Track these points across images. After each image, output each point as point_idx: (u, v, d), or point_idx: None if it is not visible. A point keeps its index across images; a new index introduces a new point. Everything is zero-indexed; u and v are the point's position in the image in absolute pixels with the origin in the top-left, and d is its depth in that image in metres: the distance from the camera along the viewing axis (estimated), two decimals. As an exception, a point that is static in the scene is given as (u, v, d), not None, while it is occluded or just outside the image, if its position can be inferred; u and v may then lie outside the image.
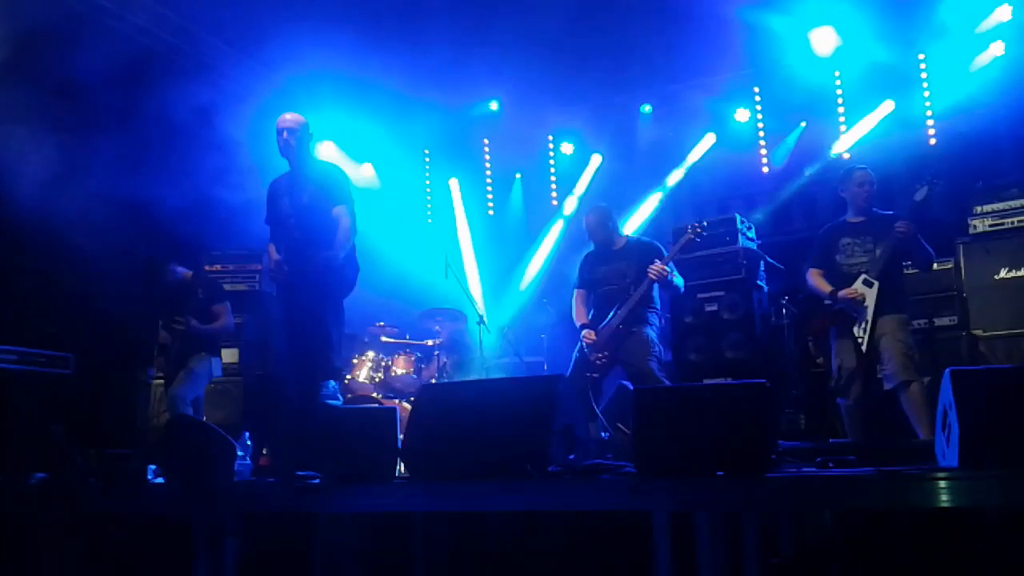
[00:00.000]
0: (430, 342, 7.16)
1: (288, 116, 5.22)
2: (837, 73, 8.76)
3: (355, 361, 7.01)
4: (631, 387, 5.71)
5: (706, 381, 6.74)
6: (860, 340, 5.33)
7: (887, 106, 8.47)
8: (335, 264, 4.92)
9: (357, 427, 4.20)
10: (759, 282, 7.05)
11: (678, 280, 5.91)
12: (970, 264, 6.49)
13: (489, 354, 7.16)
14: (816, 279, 5.60)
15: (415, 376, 6.99)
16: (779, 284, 7.35)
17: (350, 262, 5.10)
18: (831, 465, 3.91)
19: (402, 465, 4.16)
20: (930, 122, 8.33)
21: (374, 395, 6.78)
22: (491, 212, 10.23)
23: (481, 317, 7.08)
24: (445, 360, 7.03)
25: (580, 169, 9.78)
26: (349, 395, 6.70)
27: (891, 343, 5.26)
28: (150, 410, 6.31)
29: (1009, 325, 6.26)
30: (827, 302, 5.48)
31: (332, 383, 4.87)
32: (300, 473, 4.14)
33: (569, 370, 5.98)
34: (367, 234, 8.81)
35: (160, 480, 4.65)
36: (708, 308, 6.96)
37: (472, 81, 9.44)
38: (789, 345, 7.09)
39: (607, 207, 6.21)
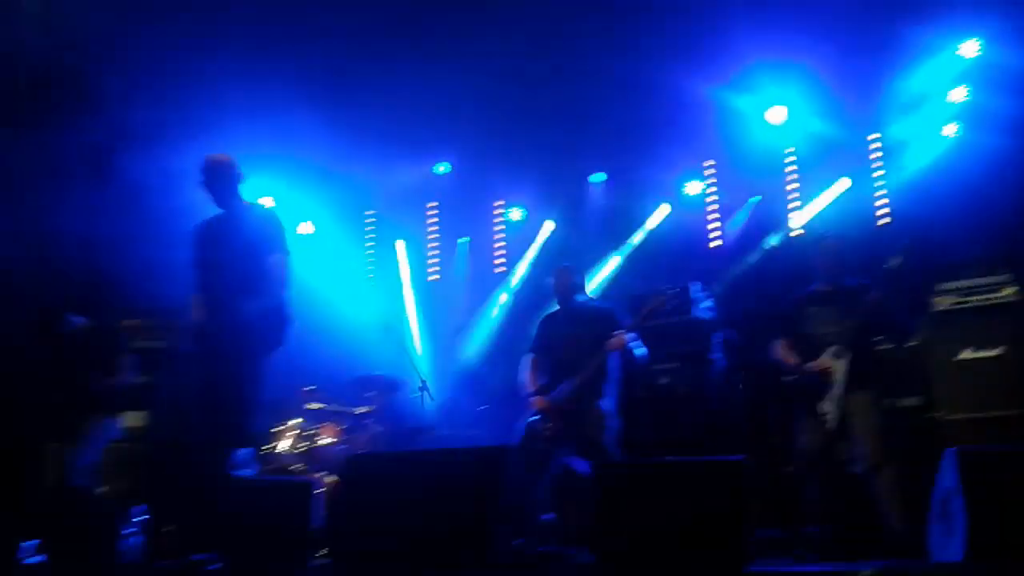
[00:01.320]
0: (361, 410, 6.52)
1: (211, 156, 4.71)
2: (790, 150, 8.57)
3: (278, 430, 6.34)
4: (577, 468, 5.20)
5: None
6: (827, 419, 4.89)
7: (843, 183, 8.27)
8: (262, 315, 4.34)
9: (267, 503, 3.59)
10: (714, 356, 6.60)
11: (639, 351, 5.45)
12: (934, 343, 6.13)
13: (428, 424, 6.53)
14: (782, 351, 5.17)
15: (343, 447, 6.33)
16: (734, 359, 6.92)
17: (280, 315, 4.53)
18: (809, 558, 3.39)
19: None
20: (883, 200, 8.16)
21: (297, 467, 6.10)
22: (435, 277, 9.71)
23: (423, 383, 6.46)
24: (378, 430, 6.40)
25: (528, 235, 9.36)
26: (269, 467, 6.02)
27: (862, 423, 4.83)
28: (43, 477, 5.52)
29: (973, 407, 5.87)
30: (791, 377, 5.07)
31: (247, 451, 4.23)
32: (197, 557, 3.48)
33: (516, 441, 5.43)
34: (302, 292, 8.35)
35: (39, 559, 3.93)
36: (661, 380, 6.48)
37: (422, 142, 9.08)
38: (744, 423, 6.62)
39: (576, 266, 5.77)
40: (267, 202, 8.68)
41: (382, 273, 9.61)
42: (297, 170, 8.63)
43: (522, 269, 9.21)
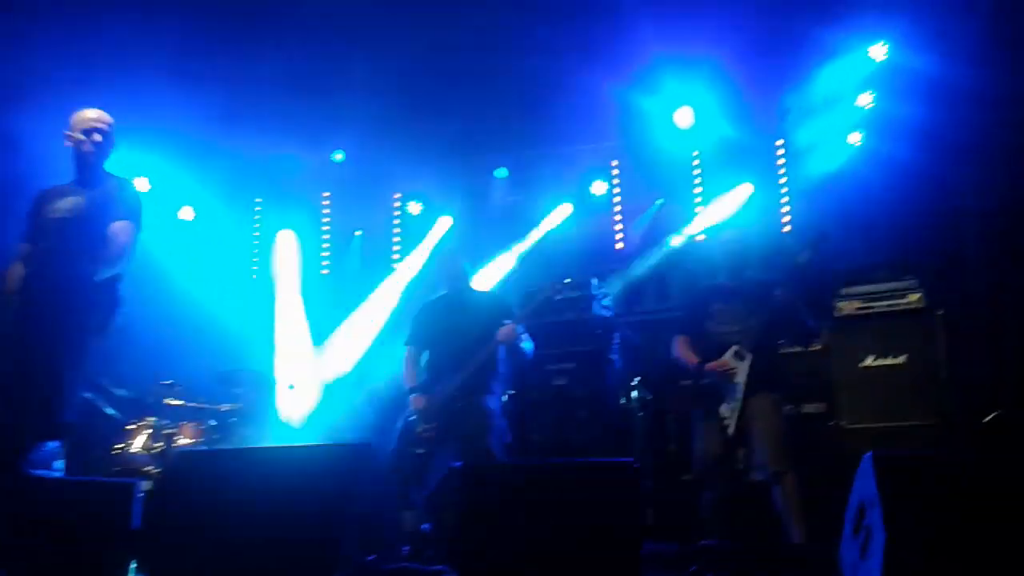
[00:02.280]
0: (225, 408, 5.80)
1: (92, 113, 4.00)
2: (696, 153, 8.25)
3: (131, 428, 5.58)
4: (464, 469, 4.66)
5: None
6: (727, 422, 4.45)
7: (745, 189, 7.97)
8: (88, 282, 3.64)
9: (75, 509, 2.90)
10: (612, 356, 6.13)
11: (527, 345, 4.91)
12: (837, 349, 5.80)
13: (295, 428, 5.83)
14: (682, 348, 4.75)
15: (204, 448, 5.60)
16: (632, 362, 6.48)
17: (109, 292, 3.82)
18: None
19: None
20: (785, 208, 7.92)
21: (149, 470, 5.37)
22: (326, 272, 9.01)
23: (291, 384, 5.72)
24: (243, 431, 5.69)
25: (427, 230, 8.76)
26: (118, 468, 5.26)
27: (763, 427, 4.41)
28: None
29: (875, 417, 5.56)
30: (690, 380, 4.65)
31: (53, 444, 3.50)
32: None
33: (392, 444, 4.84)
34: (172, 280, 7.57)
35: None
36: (556, 382, 5.95)
37: (315, 129, 8.41)
38: (640, 428, 6.18)
39: (460, 253, 5.20)
40: (141, 183, 7.92)
41: (268, 265, 8.85)
42: (176, 148, 7.84)
43: (415, 264, 8.60)
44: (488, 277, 7.85)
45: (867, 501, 2.73)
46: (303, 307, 8.54)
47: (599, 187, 8.44)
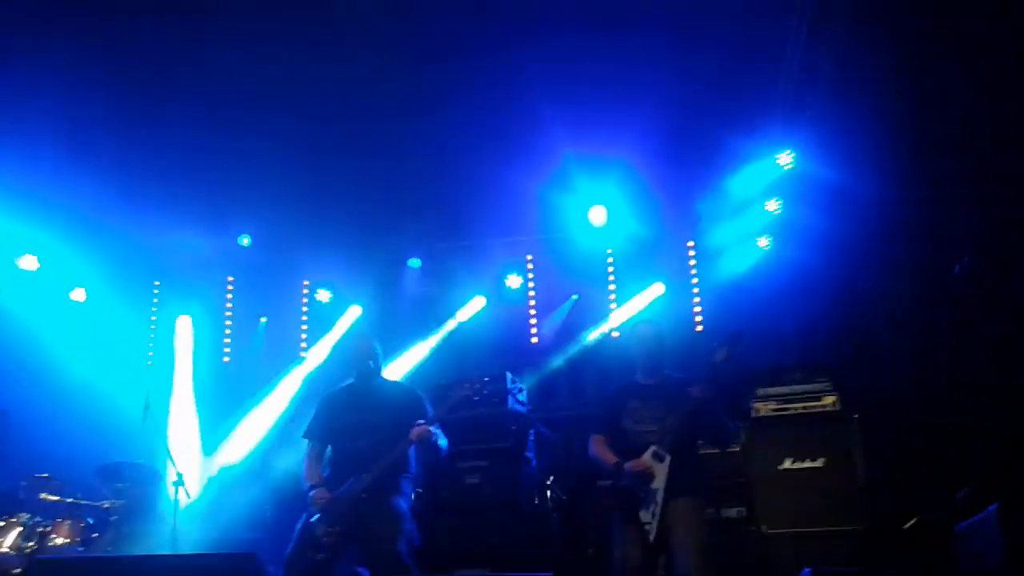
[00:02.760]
0: (106, 504, 5.23)
1: None
2: (609, 251, 8.23)
3: (0, 524, 4.95)
4: (366, 576, 4.24)
5: (461, 574, 5.33)
6: (648, 527, 4.19)
7: (657, 288, 7.96)
8: None
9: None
10: (528, 454, 5.83)
11: (442, 442, 4.57)
12: (755, 451, 5.66)
13: (184, 526, 5.26)
14: (599, 447, 4.44)
15: (81, 548, 5.00)
16: (547, 460, 6.19)
17: None
18: None
19: None
20: (697, 308, 7.93)
21: (17, 573, 4.73)
22: (227, 359, 8.49)
23: (180, 476, 5.18)
24: (125, 529, 5.12)
25: (336, 319, 8.40)
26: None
27: (684, 534, 4.13)
28: None
29: (793, 521, 5.40)
30: (607, 481, 4.40)
31: None
32: None
33: (289, 548, 4.37)
34: (58, 364, 6.97)
35: None
36: (469, 480, 5.59)
37: (220, 211, 8.05)
38: (556, 531, 5.87)
39: (372, 337, 4.86)
40: (29, 261, 7.36)
41: (164, 351, 8.29)
42: (68, 225, 7.35)
43: (320, 353, 8.19)
44: (399, 368, 7.51)
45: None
46: (194, 396, 7.98)
47: (514, 281, 8.33)
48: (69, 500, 5.30)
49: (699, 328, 7.85)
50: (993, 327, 4.85)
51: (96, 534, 5.21)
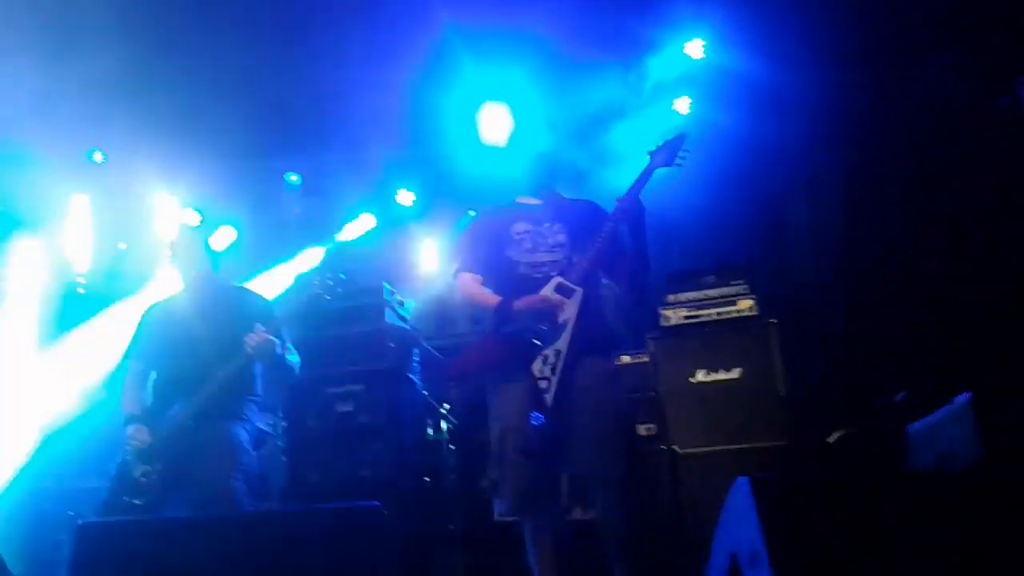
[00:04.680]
0: None
1: None
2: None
3: None
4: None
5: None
6: (544, 383, 2.89)
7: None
8: None
9: None
10: (412, 376, 4.97)
11: (292, 358, 3.66)
12: (665, 363, 4.94)
13: None
14: (471, 286, 3.21)
15: None
16: (438, 385, 5.35)
17: None
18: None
19: None
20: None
21: None
22: (81, 290, 7.32)
23: None
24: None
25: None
26: None
27: (590, 410, 2.94)
28: None
29: (707, 440, 4.71)
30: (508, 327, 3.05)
31: None
32: None
33: (104, 494, 3.47)
34: None
35: None
36: (340, 408, 4.67)
37: (69, 122, 6.85)
38: (449, 465, 5.06)
39: (202, 232, 3.90)
40: None
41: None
42: None
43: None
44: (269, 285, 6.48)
45: (739, 552, 1.74)
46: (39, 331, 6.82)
47: (405, 197, 7.39)
48: None
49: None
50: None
51: None
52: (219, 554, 2.15)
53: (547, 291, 3.00)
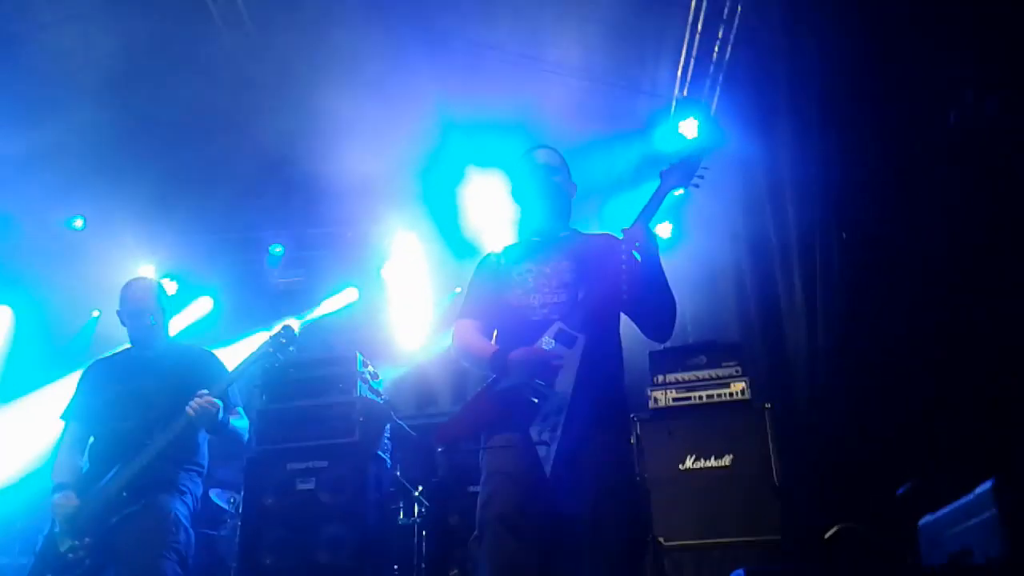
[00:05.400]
0: None
1: None
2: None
3: None
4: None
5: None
6: (543, 450, 2.46)
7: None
8: None
9: None
10: (381, 454, 4.60)
11: (239, 423, 3.33)
12: (652, 447, 4.59)
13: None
14: (468, 334, 2.77)
15: None
16: (410, 465, 4.97)
17: None
18: None
19: None
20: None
21: None
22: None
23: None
24: None
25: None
26: None
27: (592, 507, 2.46)
28: None
29: (695, 532, 4.33)
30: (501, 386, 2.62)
31: None
32: None
33: (27, 570, 3.09)
34: None
35: None
36: (301, 485, 4.29)
37: (47, 188, 6.67)
38: (420, 551, 4.64)
39: (157, 285, 3.61)
40: None
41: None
42: None
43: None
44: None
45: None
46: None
47: (390, 271, 7.15)
48: None
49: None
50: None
51: None
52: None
53: (546, 339, 2.56)
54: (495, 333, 2.77)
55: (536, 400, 2.50)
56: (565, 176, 2.89)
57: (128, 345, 3.48)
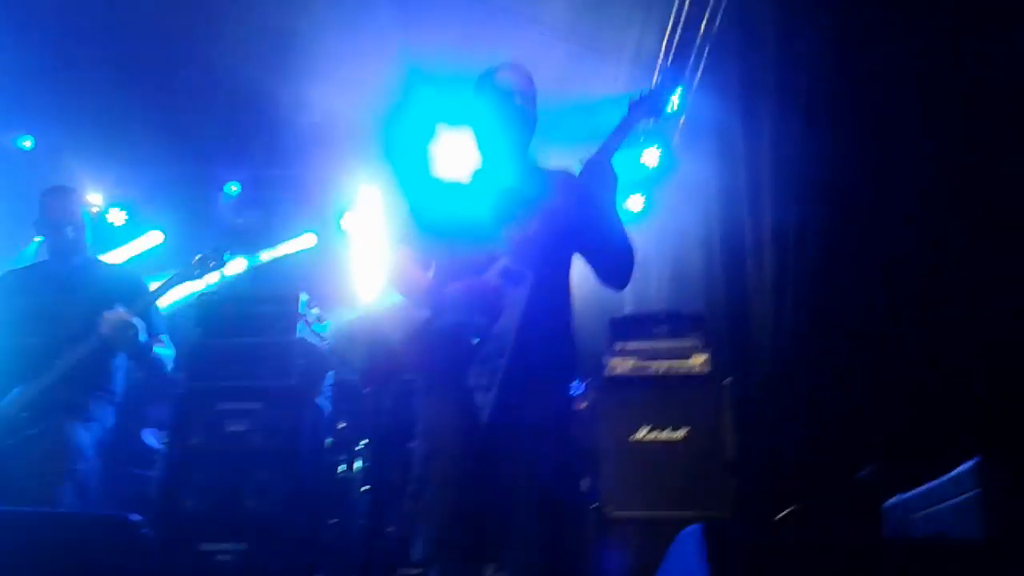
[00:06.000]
0: None
1: None
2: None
3: None
4: None
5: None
6: (480, 397, 2.23)
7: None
8: None
9: None
10: (320, 400, 4.33)
11: (163, 352, 3.03)
12: (606, 416, 4.35)
13: None
14: (400, 264, 2.51)
15: None
16: (352, 417, 4.70)
17: None
18: None
19: None
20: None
21: None
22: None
23: None
24: None
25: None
26: None
27: (527, 468, 2.25)
28: None
29: (644, 503, 4.12)
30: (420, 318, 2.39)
31: None
32: None
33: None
34: None
35: None
36: (231, 427, 3.99)
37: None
38: (351, 502, 4.40)
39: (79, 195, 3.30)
40: None
41: None
42: None
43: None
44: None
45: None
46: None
47: (352, 222, 6.83)
48: None
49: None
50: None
51: None
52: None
53: (491, 275, 2.30)
54: (433, 266, 2.49)
55: (476, 341, 2.24)
56: (530, 100, 2.56)
57: (46, 256, 3.17)
